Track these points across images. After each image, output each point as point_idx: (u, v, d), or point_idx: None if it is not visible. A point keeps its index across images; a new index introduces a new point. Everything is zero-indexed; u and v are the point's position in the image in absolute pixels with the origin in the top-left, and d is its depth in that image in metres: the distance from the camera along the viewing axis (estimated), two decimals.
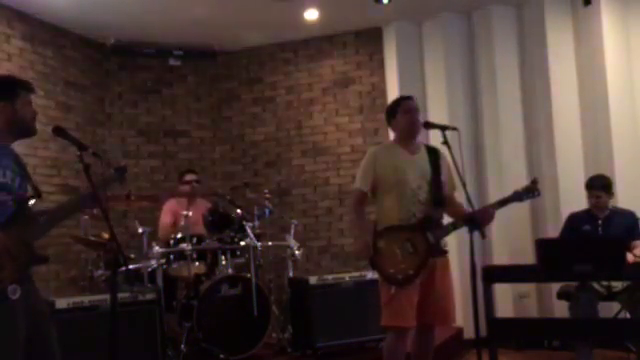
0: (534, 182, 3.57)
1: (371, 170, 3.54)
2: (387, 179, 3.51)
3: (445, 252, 3.54)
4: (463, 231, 3.45)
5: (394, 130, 3.70)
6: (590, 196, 4.74)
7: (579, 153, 5.57)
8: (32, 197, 2.69)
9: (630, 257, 4.30)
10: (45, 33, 5.67)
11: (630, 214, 4.69)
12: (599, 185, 4.69)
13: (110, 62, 6.49)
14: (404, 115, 3.58)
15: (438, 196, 3.52)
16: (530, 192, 3.53)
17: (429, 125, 3.61)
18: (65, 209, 2.81)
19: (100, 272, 4.79)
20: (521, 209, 5.11)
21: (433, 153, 3.63)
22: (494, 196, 5.17)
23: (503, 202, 3.50)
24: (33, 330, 2.56)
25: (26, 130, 2.73)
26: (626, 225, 4.61)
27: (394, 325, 3.40)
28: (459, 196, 3.61)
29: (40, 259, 2.63)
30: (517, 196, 3.52)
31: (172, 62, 6.61)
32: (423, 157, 3.60)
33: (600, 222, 4.69)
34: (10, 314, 2.46)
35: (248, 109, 6.84)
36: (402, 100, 3.67)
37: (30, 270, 2.63)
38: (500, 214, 3.50)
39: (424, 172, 3.54)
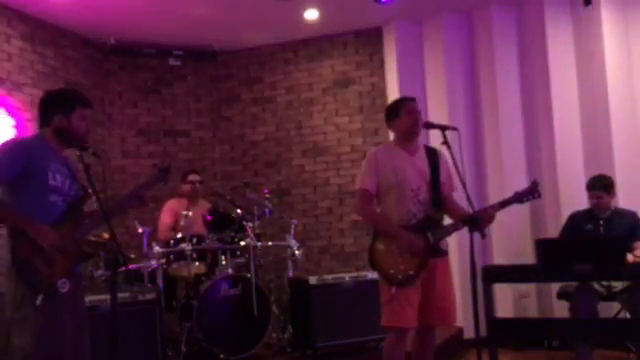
0: (534, 184, 3.56)
1: (375, 170, 3.53)
2: (387, 180, 3.50)
3: (445, 252, 3.54)
4: (463, 231, 3.45)
5: (394, 130, 3.68)
6: (591, 196, 4.74)
7: (579, 153, 5.57)
8: (82, 199, 2.90)
9: (630, 257, 4.30)
10: (45, 33, 5.67)
11: (632, 214, 4.69)
12: (600, 185, 4.69)
13: (110, 62, 6.49)
14: (408, 116, 3.56)
15: (438, 196, 3.52)
16: (530, 194, 3.53)
17: (429, 125, 3.60)
18: (110, 209, 2.94)
19: (100, 272, 4.79)
20: (521, 209, 5.10)
21: (432, 153, 3.62)
22: (494, 196, 5.18)
23: (504, 203, 3.49)
24: (75, 327, 2.73)
25: (77, 142, 2.88)
26: (627, 225, 4.60)
27: (394, 325, 3.40)
28: (459, 196, 3.61)
29: (87, 256, 2.91)
30: (517, 198, 3.51)
31: (172, 62, 6.61)
32: (422, 158, 3.59)
33: (602, 222, 4.68)
34: (59, 307, 2.63)
35: (248, 109, 6.85)
36: (406, 101, 3.65)
37: (78, 267, 2.84)
38: (500, 214, 3.50)
39: (423, 173, 3.53)
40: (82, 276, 2.92)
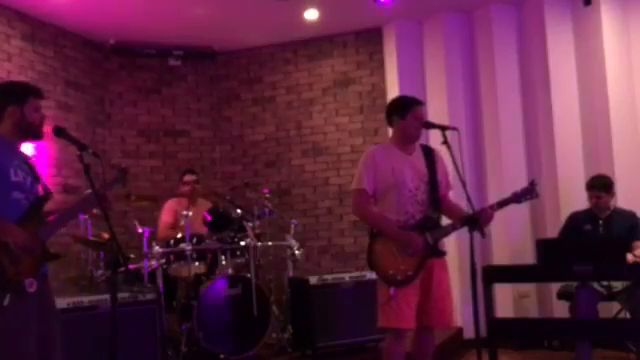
0: (532, 184, 3.56)
1: (372, 171, 3.50)
2: (385, 180, 3.48)
3: (443, 253, 3.53)
4: (463, 231, 3.45)
5: (395, 129, 3.62)
6: (591, 196, 4.74)
7: (579, 153, 5.57)
8: (45, 197, 2.80)
9: (630, 257, 4.30)
10: (45, 33, 5.67)
11: (631, 214, 4.69)
12: (600, 185, 4.69)
13: (110, 62, 6.49)
14: (414, 121, 3.52)
15: (436, 197, 3.51)
16: (528, 194, 3.52)
17: (429, 125, 3.59)
18: (72, 210, 2.91)
19: (100, 272, 4.79)
20: (521, 209, 5.11)
21: (428, 153, 3.61)
22: (494, 196, 5.17)
23: (502, 203, 3.49)
24: (43, 327, 2.65)
25: (33, 134, 2.83)
26: (627, 225, 4.61)
27: (392, 326, 3.39)
28: (459, 196, 3.60)
29: (53, 256, 2.76)
30: (515, 198, 3.51)
31: (172, 62, 6.61)
32: (420, 157, 3.57)
33: (601, 222, 4.69)
34: (24, 307, 2.56)
35: (248, 109, 6.85)
36: (416, 104, 3.58)
37: (45, 267, 2.74)
38: (500, 214, 3.50)
39: (421, 173, 3.52)
40: (47, 277, 2.80)
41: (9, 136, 2.77)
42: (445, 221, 3.56)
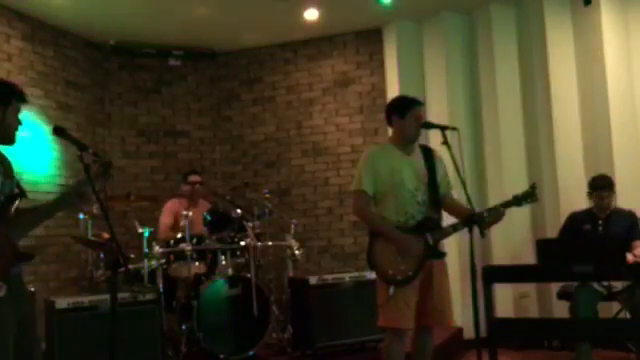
0: (533, 187, 3.58)
1: (372, 171, 3.50)
2: (385, 181, 3.48)
3: (443, 254, 3.54)
4: (463, 231, 3.45)
5: (394, 128, 3.62)
6: (594, 196, 4.74)
7: (579, 153, 5.56)
8: (17, 196, 2.68)
9: (630, 257, 4.30)
10: (45, 33, 5.67)
11: (630, 214, 4.69)
12: (606, 185, 4.70)
13: (110, 62, 6.50)
14: (414, 122, 3.52)
15: (436, 197, 3.51)
16: (529, 197, 3.54)
17: (429, 125, 3.59)
18: (47, 209, 2.77)
19: (100, 272, 4.79)
20: (521, 209, 5.03)
21: (428, 153, 3.61)
22: (494, 196, 5.19)
23: (503, 205, 3.50)
24: (19, 330, 2.56)
25: (7, 138, 2.71)
26: (626, 225, 4.61)
27: (391, 326, 3.40)
28: (459, 196, 3.60)
29: (25, 256, 2.64)
30: (516, 201, 3.53)
31: (172, 62, 6.61)
32: (419, 158, 3.57)
33: (600, 222, 4.69)
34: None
35: (248, 109, 6.85)
36: (416, 104, 3.57)
37: (17, 268, 2.62)
38: None
39: (421, 173, 3.52)
40: (21, 278, 2.69)
41: None
42: (446, 222, 3.57)
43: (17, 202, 2.68)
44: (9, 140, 2.71)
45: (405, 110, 3.54)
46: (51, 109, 5.59)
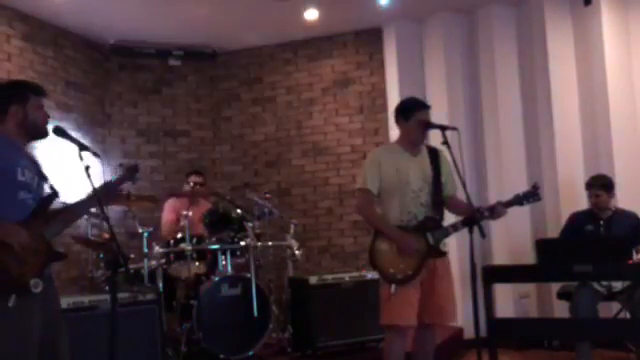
0: (535, 187, 3.58)
1: (377, 171, 3.52)
2: (390, 180, 3.50)
3: (444, 253, 3.54)
4: (463, 231, 3.45)
5: (401, 129, 3.64)
6: (590, 195, 4.75)
7: (579, 153, 5.56)
8: (52, 197, 2.79)
9: (638, 258, 4.28)
10: (45, 33, 5.67)
11: (633, 215, 4.68)
12: (599, 184, 4.70)
13: (110, 62, 6.49)
14: (419, 125, 3.54)
15: (438, 198, 3.53)
16: (531, 197, 3.55)
17: (429, 125, 3.60)
18: (77, 208, 2.89)
19: (100, 272, 4.79)
20: (521, 209, 5.03)
21: (433, 154, 3.63)
22: (494, 196, 5.18)
23: (506, 204, 3.51)
24: (47, 329, 2.65)
25: (38, 133, 2.82)
26: (629, 226, 4.60)
27: (392, 324, 3.41)
28: (459, 196, 3.61)
29: (58, 256, 2.75)
30: (518, 200, 3.54)
31: (172, 62, 6.62)
32: (424, 158, 3.60)
33: (602, 223, 4.68)
34: (29, 308, 2.55)
35: (248, 109, 6.84)
36: (422, 108, 3.60)
37: (49, 268, 2.73)
38: None
39: (425, 174, 3.54)
40: (52, 277, 2.80)
41: (15, 136, 2.76)
42: (447, 222, 3.58)
43: (52, 202, 2.79)
44: (41, 134, 2.82)
45: (410, 114, 3.57)
46: (51, 109, 5.57)
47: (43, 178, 2.81)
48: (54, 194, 2.80)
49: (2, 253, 2.50)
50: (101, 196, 2.81)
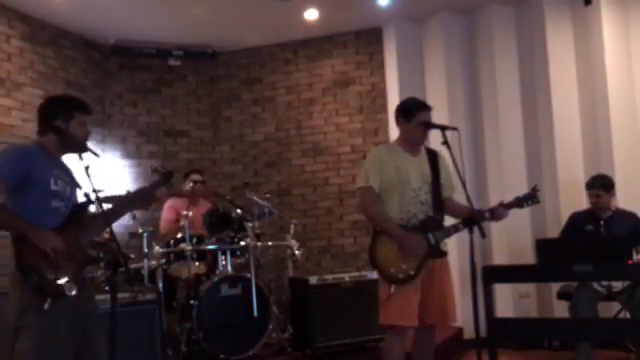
0: (534, 189, 3.59)
1: (378, 169, 3.52)
2: (390, 178, 3.51)
3: (445, 253, 3.54)
4: (463, 231, 3.45)
5: (401, 130, 3.64)
6: (590, 195, 4.75)
7: (579, 153, 5.57)
8: (85, 204, 2.93)
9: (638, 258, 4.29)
10: (45, 33, 5.67)
11: (633, 216, 4.68)
12: (599, 184, 4.70)
13: (110, 62, 6.49)
14: (420, 127, 3.54)
15: (438, 198, 3.53)
16: (530, 199, 3.56)
17: (429, 125, 3.60)
18: (115, 212, 3.01)
19: (100, 272, 4.78)
20: (521, 209, 5.10)
21: (432, 155, 3.65)
22: (494, 196, 5.19)
23: (506, 206, 3.51)
24: (82, 331, 2.75)
25: (76, 147, 2.91)
26: (629, 226, 4.60)
27: (392, 324, 3.41)
28: (459, 196, 3.61)
29: (93, 260, 2.92)
30: (518, 202, 3.55)
31: (172, 62, 6.62)
32: (423, 159, 3.61)
33: (602, 223, 4.69)
34: (63, 311, 2.63)
35: (248, 109, 6.84)
36: (423, 109, 3.60)
37: (85, 271, 2.87)
38: None
39: (425, 174, 3.55)
40: (87, 281, 2.93)
41: (52, 147, 2.86)
42: (448, 222, 3.58)
43: (86, 209, 2.93)
44: (78, 148, 2.91)
45: (411, 114, 3.57)
46: None
47: (76, 186, 2.94)
48: (88, 201, 2.92)
49: (37, 258, 2.60)
50: (136, 201, 3.03)
